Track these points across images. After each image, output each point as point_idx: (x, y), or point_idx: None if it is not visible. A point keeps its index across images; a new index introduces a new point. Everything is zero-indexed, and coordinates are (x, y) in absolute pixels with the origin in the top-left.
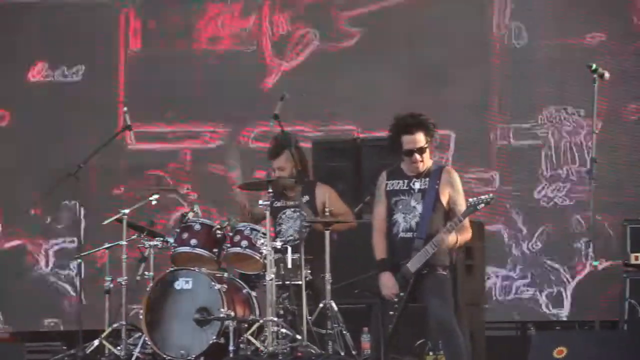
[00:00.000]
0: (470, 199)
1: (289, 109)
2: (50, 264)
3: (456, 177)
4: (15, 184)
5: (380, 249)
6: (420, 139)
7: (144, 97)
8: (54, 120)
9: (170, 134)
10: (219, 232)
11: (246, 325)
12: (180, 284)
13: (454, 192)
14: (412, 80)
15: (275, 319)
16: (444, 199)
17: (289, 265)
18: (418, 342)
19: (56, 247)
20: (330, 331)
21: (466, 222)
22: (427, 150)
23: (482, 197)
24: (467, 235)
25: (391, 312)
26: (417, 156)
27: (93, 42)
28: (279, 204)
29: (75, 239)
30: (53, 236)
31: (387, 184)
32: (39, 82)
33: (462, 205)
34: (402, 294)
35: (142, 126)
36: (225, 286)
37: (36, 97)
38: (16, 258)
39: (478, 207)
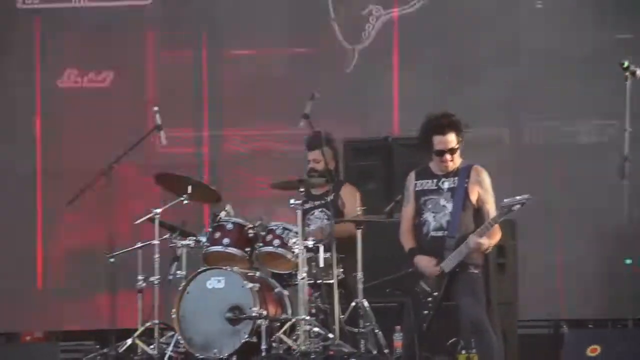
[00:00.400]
0: (505, 200)
1: (319, 108)
2: None
3: (485, 176)
4: (47, 188)
5: (409, 241)
6: (451, 139)
7: (174, 101)
8: (84, 126)
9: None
10: (251, 231)
11: (278, 324)
12: (212, 283)
13: (483, 191)
14: (443, 79)
15: (308, 317)
16: (473, 198)
17: (321, 264)
18: (450, 341)
19: None
20: (363, 330)
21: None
22: (458, 150)
23: (517, 197)
24: (497, 237)
25: (425, 312)
26: (448, 156)
27: (121, 48)
28: (307, 206)
29: None
30: None
31: (416, 184)
32: (68, 88)
33: (490, 204)
34: (436, 293)
35: (172, 130)
36: (258, 285)
37: (66, 103)
38: None
39: (513, 209)
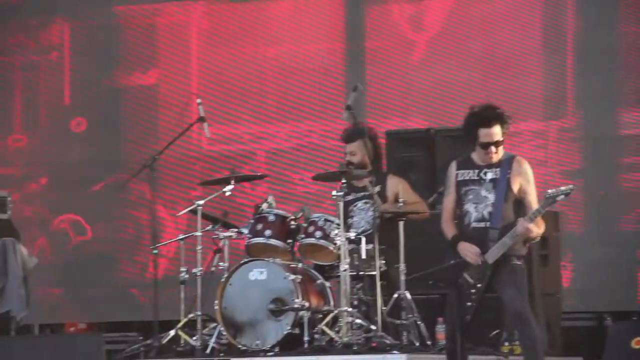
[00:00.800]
0: (550, 190)
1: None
2: None
3: (527, 167)
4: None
5: (450, 230)
6: (497, 132)
7: (218, 98)
8: (129, 124)
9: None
10: (293, 222)
11: (321, 316)
12: (254, 274)
13: (525, 182)
14: (485, 71)
15: (350, 309)
16: (515, 188)
17: (363, 256)
18: (493, 333)
19: None
20: (405, 321)
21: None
22: (502, 143)
23: (562, 188)
24: (542, 228)
25: (469, 303)
26: (493, 149)
27: (166, 46)
28: (350, 197)
29: None
30: None
31: (457, 174)
32: (114, 88)
33: (532, 195)
34: (479, 285)
35: (216, 128)
36: (300, 276)
37: (111, 102)
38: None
39: (557, 199)
